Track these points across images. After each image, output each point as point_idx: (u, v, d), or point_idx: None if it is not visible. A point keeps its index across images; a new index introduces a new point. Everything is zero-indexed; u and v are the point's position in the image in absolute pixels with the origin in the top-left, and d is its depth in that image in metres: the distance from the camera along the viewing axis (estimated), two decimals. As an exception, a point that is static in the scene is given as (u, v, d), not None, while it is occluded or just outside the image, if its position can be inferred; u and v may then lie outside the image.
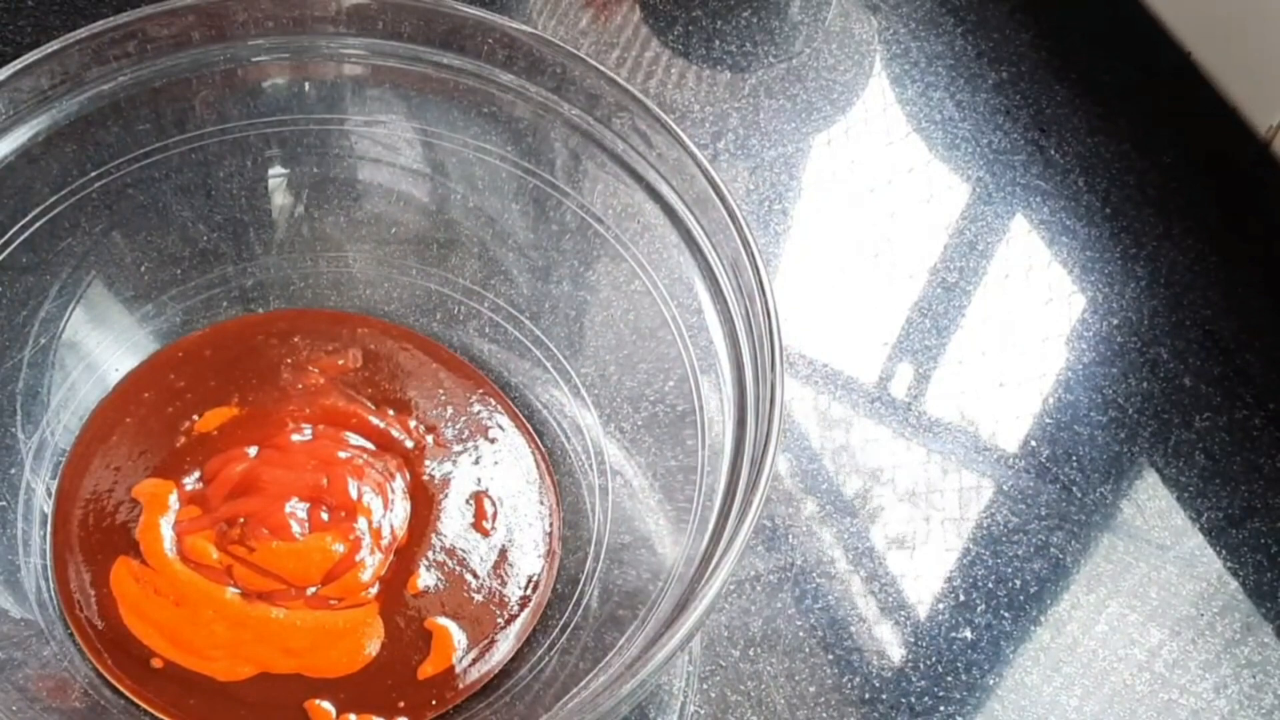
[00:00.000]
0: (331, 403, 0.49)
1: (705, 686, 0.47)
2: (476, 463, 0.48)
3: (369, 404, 0.49)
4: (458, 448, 0.49)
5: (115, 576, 0.44)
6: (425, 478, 0.48)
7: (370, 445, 0.48)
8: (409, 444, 0.48)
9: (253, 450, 0.47)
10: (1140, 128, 0.65)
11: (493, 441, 0.49)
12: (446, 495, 0.47)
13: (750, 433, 0.40)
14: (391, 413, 0.49)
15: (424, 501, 0.47)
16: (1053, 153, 0.64)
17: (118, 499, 0.46)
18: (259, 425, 0.48)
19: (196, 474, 0.47)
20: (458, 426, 0.49)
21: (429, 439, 0.49)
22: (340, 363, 0.50)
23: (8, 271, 0.46)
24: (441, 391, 0.50)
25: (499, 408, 0.50)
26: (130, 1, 0.46)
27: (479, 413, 0.50)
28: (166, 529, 0.45)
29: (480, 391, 0.50)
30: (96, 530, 0.46)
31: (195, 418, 0.48)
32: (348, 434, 0.48)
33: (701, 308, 0.44)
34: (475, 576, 0.46)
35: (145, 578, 0.44)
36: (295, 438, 0.48)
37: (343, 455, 0.47)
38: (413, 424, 0.49)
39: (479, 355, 0.51)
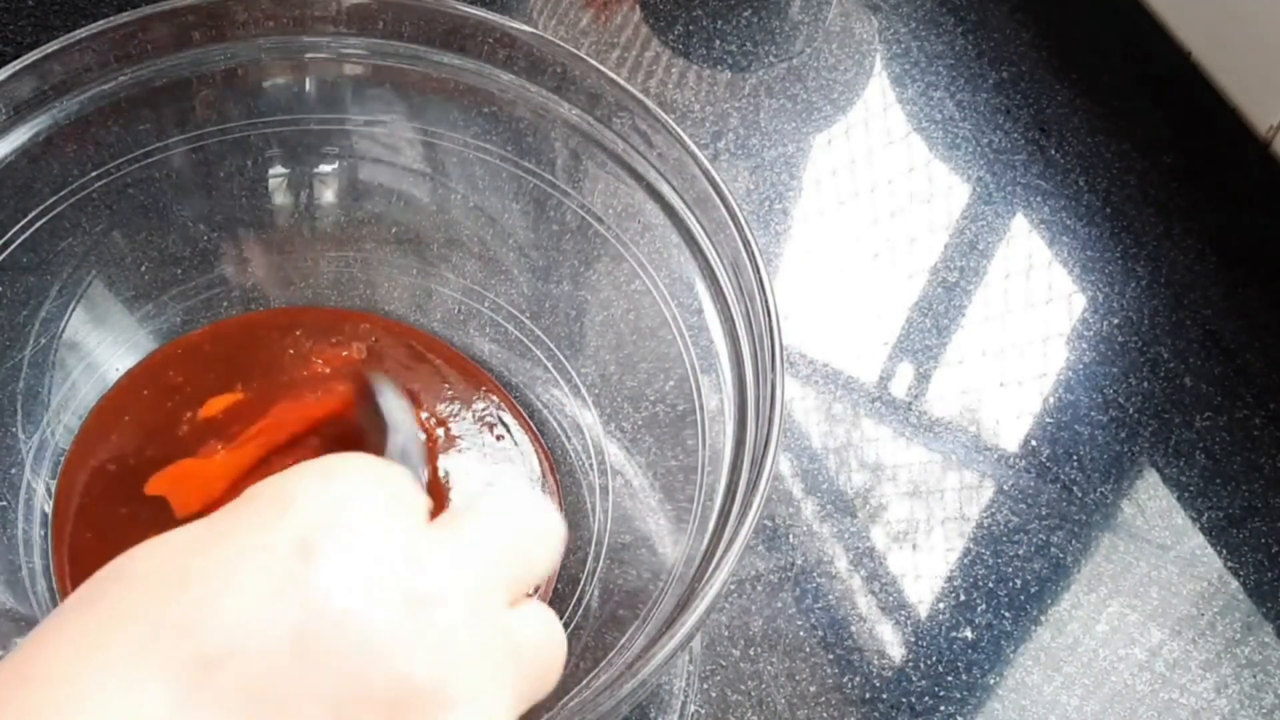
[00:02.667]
0: (342, 389, 0.48)
1: (706, 686, 0.47)
2: (484, 459, 0.48)
3: None
4: (465, 443, 0.49)
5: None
6: (439, 473, 0.47)
7: None
8: (421, 436, 0.48)
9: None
10: (1141, 127, 0.65)
11: (499, 439, 0.49)
12: (455, 491, 0.47)
13: (751, 432, 0.40)
14: None
15: (436, 497, 0.47)
16: (1053, 152, 0.64)
17: (118, 497, 0.46)
18: (266, 406, 0.48)
19: (211, 443, 0.47)
20: (465, 422, 0.49)
21: (439, 432, 0.48)
22: (344, 354, 0.50)
23: (8, 271, 0.46)
24: (447, 387, 0.50)
25: (503, 405, 0.50)
26: (131, 1, 0.46)
27: (484, 410, 0.50)
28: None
29: (484, 389, 0.50)
30: (97, 529, 0.46)
31: (196, 409, 0.48)
32: None
33: (702, 307, 0.44)
34: None
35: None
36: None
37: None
38: (424, 416, 0.49)
39: (479, 355, 0.51)
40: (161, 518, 0.45)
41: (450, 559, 0.25)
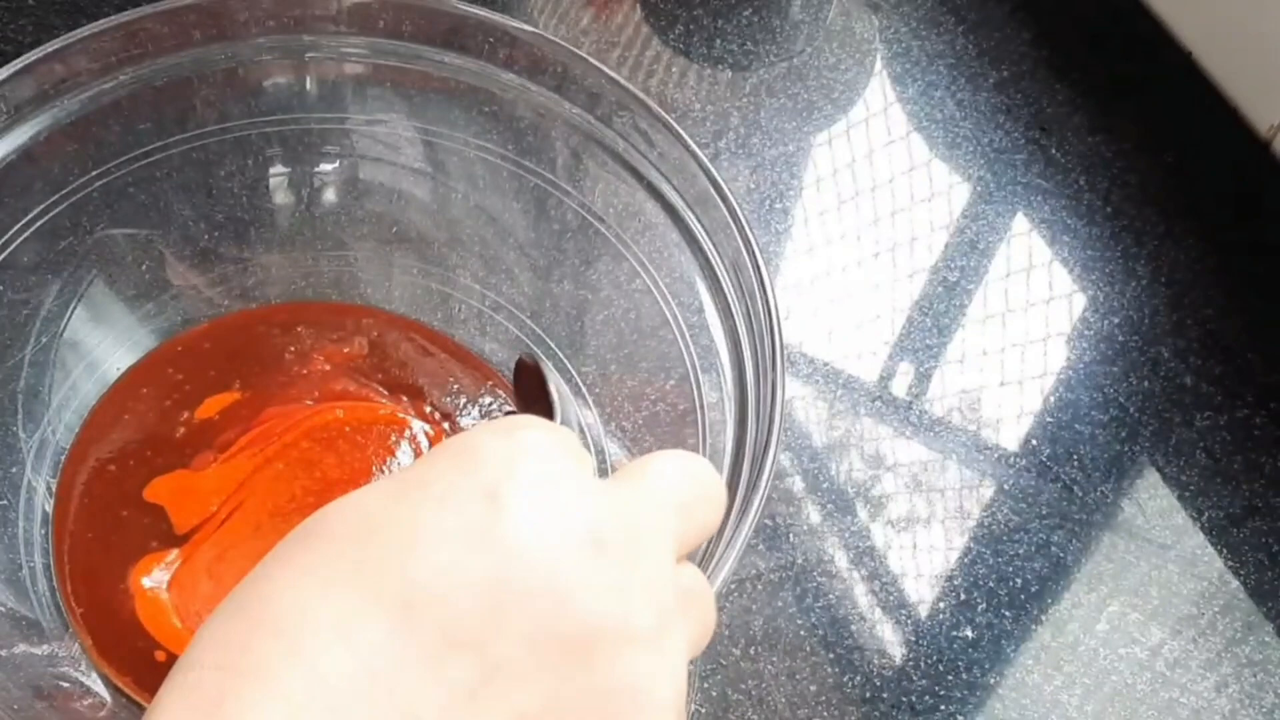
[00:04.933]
0: (342, 387, 0.48)
1: (706, 685, 0.47)
2: None
3: (381, 389, 0.49)
4: None
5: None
6: None
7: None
8: (428, 429, 0.48)
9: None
10: (1141, 127, 0.65)
11: None
12: None
13: (751, 431, 0.40)
14: (405, 399, 0.49)
15: None
16: (1054, 152, 0.64)
17: (119, 496, 0.46)
18: (263, 406, 0.48)
19: (204, 454, 0.47)
20: (471, 416, 0.49)
21: (445, 425, 0.48)
22: (346, 350, 0.50)
23: (9, 270, 0.46)
24: (451, 380, 0.50)
25: (509, 400, 0.50)
26: (131, 1, 0.46)
27: (491, 404, 0.50)
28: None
29: (490, 383, 0.50)
30: (98, 528, 0.46)
31: (195, 407, 0.48)
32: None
33: (702, 306, 0.44)
34: None
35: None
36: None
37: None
38: (427, 409, 0.49)
39: (480, 353, 0.51)
40: (160, 524, 0.45)
41: (627, 507, 0.26)
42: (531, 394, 0.44)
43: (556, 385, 0.42)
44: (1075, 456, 0.54)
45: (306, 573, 0.23)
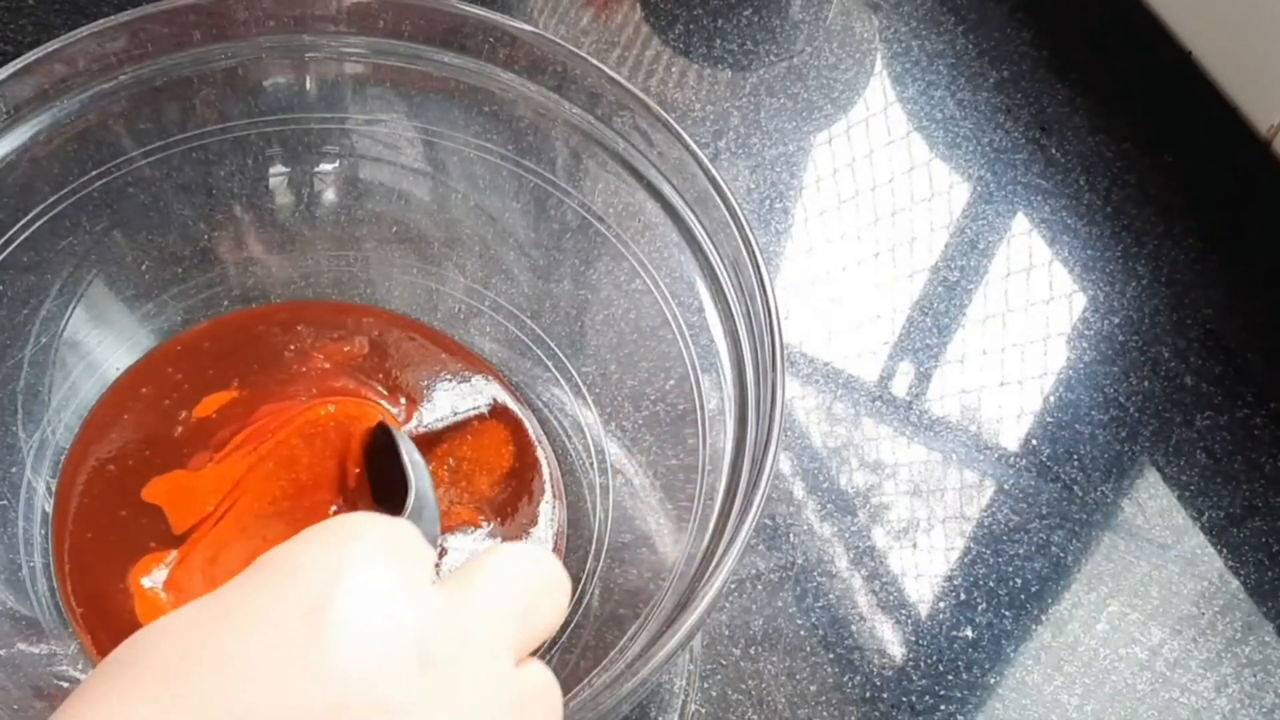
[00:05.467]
0: (341, 385, 0.48)
1: (706, 685, 0.47)
2: None
3: (380, 389, 0.49)
4: (471, 438, 0.48)
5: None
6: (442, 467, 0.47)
7: None
8: (412, 430, 0.48)
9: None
10: (1141, 127, 0.65)
11: None
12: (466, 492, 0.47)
13: (751, 431, 0.40)
14: (403, 400, 0.49)
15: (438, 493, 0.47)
16: (1054, 151, 0.64)
17: (118, 496, 0.46)
18: (260, 404, 0.48)
19: (201, 453, 0.47)
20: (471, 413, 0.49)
21: (440, 424, 0.48)
22: (346, 349, 0.50)
23: (9, 270, 0.46)
24: (451, 379, 0.50)
25: (509, 397, 0.50)
26: (131, 1, 0.46)
27: (489, 403, 0.50)
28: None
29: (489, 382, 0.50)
30: (97, 528, 0.46)
31: (193, 406, 0.48)
32: None
33: (702, 306, 0.44)
34: None
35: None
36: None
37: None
38: (424, 409, 0.49)
39: (480, 353, 0.51)
40: (158, 524, 0.45)
41: (458, 618, 0.25)
42: (385, 463, 0.44)
43: (409, 455, 0.42)
44: (1075, 456, 0.54)
45: (120, 710, 0.22)
